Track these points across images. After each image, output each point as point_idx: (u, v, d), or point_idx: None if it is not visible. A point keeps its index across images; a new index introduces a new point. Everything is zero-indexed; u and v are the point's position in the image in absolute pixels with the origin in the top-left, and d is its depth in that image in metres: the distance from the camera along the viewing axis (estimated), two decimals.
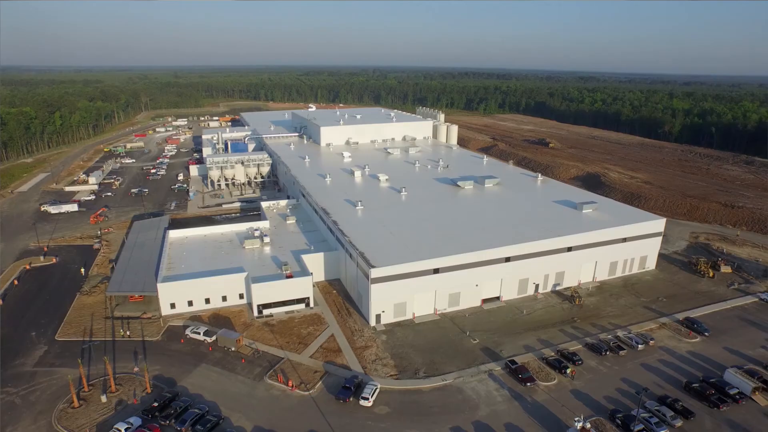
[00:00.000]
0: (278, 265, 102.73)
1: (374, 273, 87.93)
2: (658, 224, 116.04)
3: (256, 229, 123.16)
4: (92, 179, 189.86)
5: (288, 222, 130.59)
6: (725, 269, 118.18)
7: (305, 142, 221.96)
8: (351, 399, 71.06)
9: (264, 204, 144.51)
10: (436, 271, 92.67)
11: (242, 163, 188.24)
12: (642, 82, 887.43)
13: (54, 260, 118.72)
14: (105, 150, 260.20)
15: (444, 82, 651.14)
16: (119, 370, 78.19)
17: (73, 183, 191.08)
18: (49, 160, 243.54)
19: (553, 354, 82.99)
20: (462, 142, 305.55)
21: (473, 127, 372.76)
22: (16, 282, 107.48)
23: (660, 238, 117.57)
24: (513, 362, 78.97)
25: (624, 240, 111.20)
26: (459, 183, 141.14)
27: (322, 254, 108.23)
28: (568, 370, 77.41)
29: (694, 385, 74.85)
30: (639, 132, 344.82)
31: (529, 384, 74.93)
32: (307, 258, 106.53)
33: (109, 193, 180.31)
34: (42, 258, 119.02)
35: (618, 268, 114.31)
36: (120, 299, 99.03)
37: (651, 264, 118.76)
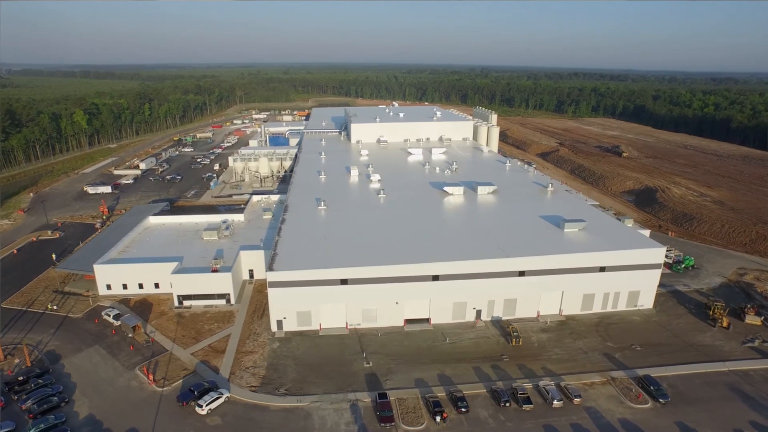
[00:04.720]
0: (219, 259, 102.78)
1: (271, 276, 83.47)
2: (656, 254, 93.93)
3: (224, 221, 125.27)
4: (142, 165, 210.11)
5: (264, 217, 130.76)
6: (752, 320, 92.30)
7: (342, 138, 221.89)
8: (190, 403, 68.10)
9: (254, 197, 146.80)
10: (344, 281, 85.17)
11: (267, 156, 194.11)
12: None
13: (57, 235, 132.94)
14: (175, 139, 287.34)
15: (537, 83, 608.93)
16: (29, 342, 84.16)
17: (125, 167, 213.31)
18: (129, 147, 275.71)
19: (441, 394, 71.21)
20: (523, 145, 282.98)
21: (547, 130, 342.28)
22: (15, 252, 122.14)
23: (659, 271, 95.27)
24: (383, 396, 69.16)
25: (601, 269, 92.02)
26: (446, 189, 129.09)
27: (263, 252, 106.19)
28: (438, 418, 65.59)
29: None
30: (752, 142, 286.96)
31: (386, 424, 64.99)
32: (247, 254, 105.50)
33: (153, 178, 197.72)
34: (49, 232, 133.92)
35: (596, 303, 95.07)
36: (78, 275, 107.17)
37: (646, 301, 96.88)
